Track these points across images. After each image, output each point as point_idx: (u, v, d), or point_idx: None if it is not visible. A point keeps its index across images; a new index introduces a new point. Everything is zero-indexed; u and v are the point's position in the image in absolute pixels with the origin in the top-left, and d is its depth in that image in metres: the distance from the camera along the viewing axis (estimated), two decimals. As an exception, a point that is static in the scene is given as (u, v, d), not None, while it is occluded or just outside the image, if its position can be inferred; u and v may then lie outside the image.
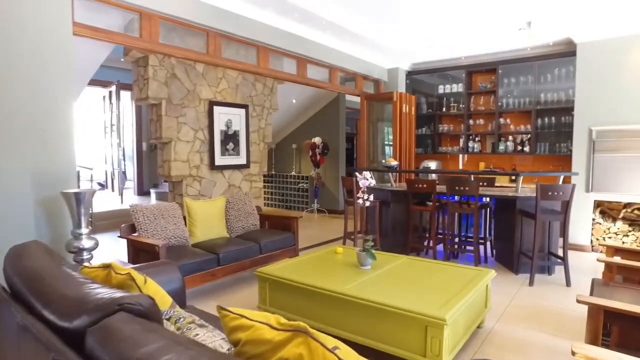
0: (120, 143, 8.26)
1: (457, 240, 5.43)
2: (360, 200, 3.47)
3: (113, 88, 7.72)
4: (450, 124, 7.52)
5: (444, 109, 7.50)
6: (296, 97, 8.34)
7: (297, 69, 5.67)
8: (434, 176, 6.32)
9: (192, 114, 5.17)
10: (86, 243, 2.68)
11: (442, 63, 7.21)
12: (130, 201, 8.35)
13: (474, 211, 4.68)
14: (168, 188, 5.46)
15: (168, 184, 5.41)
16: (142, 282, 1.66)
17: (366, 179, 3.46)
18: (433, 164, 7.19)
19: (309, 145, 8.70)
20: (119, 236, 3.65)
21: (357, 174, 3.59)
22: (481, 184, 5.32)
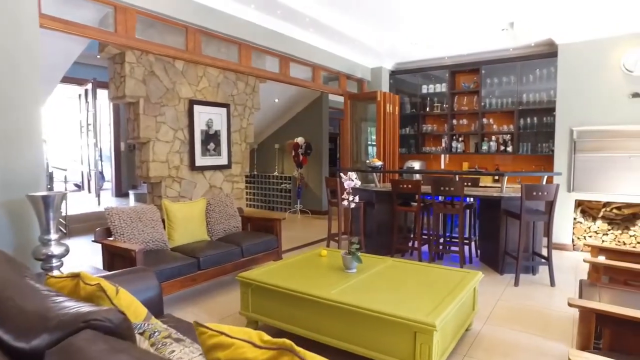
0: (97, 143, 8.01)
1: (441, 241, 5.41)
2: (346, 202, 3.39)
3: (89, 86, 7.46)
4: (434, 124, 7.51)
5: (427, 109, 7.49)
6: (279, 96, 8.23)
7: (279, 68, 5.56)
8: (417, 176, 6.30)
9: (172, 113, 5.00)
10: (55, 249, 2.51)
11: (425, 63, 7.20)
12: (108, 203, 8.10)
13: (459, 211, 4.65)
14: (147, 189, 5.28)
15: (147, 185, 5.24)
16: (114, 293, 1.54)
17: (351, 179, 3.38)
18: (417, 164, 7.17)
19: (292, 145, 8.60)
20: (93, 240, 3.48)
21: (341, 174, 3.50)
22: (466, 184, 5.31)
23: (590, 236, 5.68)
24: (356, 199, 3.39)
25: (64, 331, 1.07)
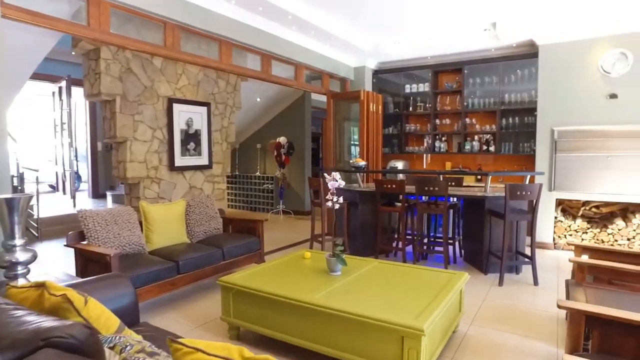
0: (73, 142, 7.74)
1: (425, 241, 5.38)
2: (330, 203, 3.31)
3: (63, 83, 7.20)
4: (417, 124, 7.50)
5: (410, 109, 7.47)
6: (260, 95, 8.10)
7: (261, 66, 5.45)
8: (401, 176, 6.27)
9: (150, 111, 4.85)
10: (21, 256, 2.35)
11: (408, 62, 7.18)
12: (84, 205, 7.84)
13: (443, 211, 4.62)
14: (124, 191, 5.11)
15: (124, 186, 5.06)
16: (82, 304, 1.42)
17: (335, 180, 3.30)
18: (400, 164, 7.15)
19: (274, 145, 8.48)
20: (65, 245, 3.31)
21: (325, 175, 3.42)
22: (450, 184, 5.30)
23: (571, 234, 5.74)
24: (340, 199, 3.31)
25: (20, 351, 0.96)
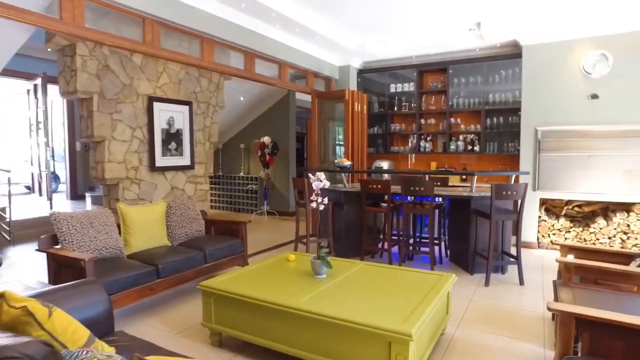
0: (49, 142, 7.49)
1: (411, 241, 5.35)
2: (314, 204, 3.23)
3: (38, 81, 6.95)
4: (402, 124, 7.48)
5: (395, 109, 7.45)
6: (244, 94, 7.98)
7: (244, 64, 5.33)
8: (386, 176, 6.22)
9: (129, 110, 4.69)
10: (-14, 261, 2.22)
11: (393, 62, 7.15)
12: (61, 206, 7.60)
13: (429, 212, 4.59)
14: (103, 192, 4.93)
15: (103, 187, 4.89)
16: (45, 317, 1.31)
17: (320, 180, 3.22)
18: (385, 164, 7.10)
19: (258, 145, 8.35)
20: (36, 250, 3.16)
21: (310, 175, 3.34)
22: (435, 183, 5.27)
23: (554, 234, 5.78)
24: (325, 200, 3.24)
25: (-34, 375, 0.86)
